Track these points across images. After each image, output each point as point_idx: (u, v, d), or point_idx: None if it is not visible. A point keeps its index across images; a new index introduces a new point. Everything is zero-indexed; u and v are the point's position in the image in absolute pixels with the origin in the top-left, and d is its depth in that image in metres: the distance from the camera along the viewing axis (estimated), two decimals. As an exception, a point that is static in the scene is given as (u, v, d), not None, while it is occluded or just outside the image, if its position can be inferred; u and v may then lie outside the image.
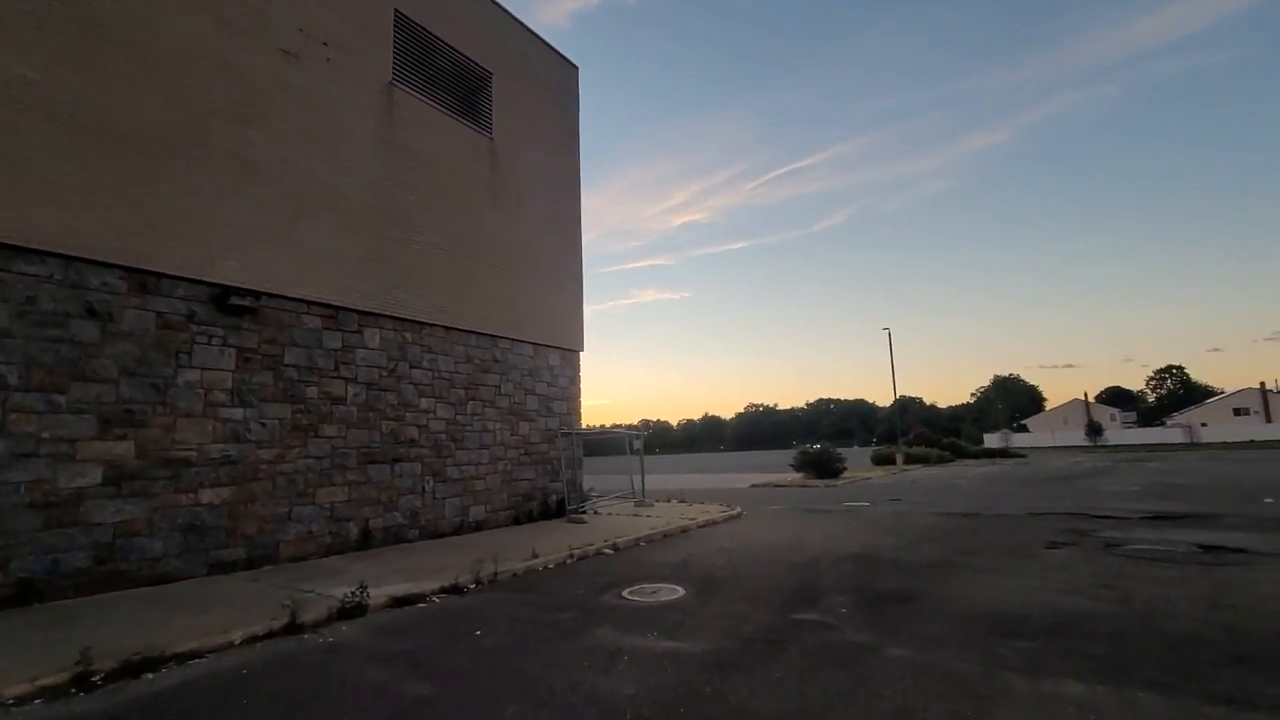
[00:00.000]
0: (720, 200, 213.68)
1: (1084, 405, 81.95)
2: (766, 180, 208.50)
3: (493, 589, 7.29)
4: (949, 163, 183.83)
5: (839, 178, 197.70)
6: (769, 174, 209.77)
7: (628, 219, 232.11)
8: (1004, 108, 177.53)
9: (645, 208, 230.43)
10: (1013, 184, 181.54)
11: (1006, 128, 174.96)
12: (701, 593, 6.81)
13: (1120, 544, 8.95)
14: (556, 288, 14.54)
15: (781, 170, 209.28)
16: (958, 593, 6.46)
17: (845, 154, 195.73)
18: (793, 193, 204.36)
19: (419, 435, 10.90)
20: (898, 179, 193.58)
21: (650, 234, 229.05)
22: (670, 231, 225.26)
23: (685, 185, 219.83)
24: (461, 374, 11.92)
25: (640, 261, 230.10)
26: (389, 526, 10.17)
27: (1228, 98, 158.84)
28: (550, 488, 13.68)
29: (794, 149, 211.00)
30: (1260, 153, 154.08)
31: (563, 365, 14.57)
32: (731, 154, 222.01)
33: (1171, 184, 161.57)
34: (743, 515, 14.08)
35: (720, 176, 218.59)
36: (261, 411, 8.66)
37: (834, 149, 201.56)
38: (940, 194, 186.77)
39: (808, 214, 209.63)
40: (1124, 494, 16.64)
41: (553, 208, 14.74)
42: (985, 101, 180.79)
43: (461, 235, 12.17)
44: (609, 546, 9.84)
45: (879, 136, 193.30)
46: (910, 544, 9.58)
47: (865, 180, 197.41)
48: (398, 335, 10.77)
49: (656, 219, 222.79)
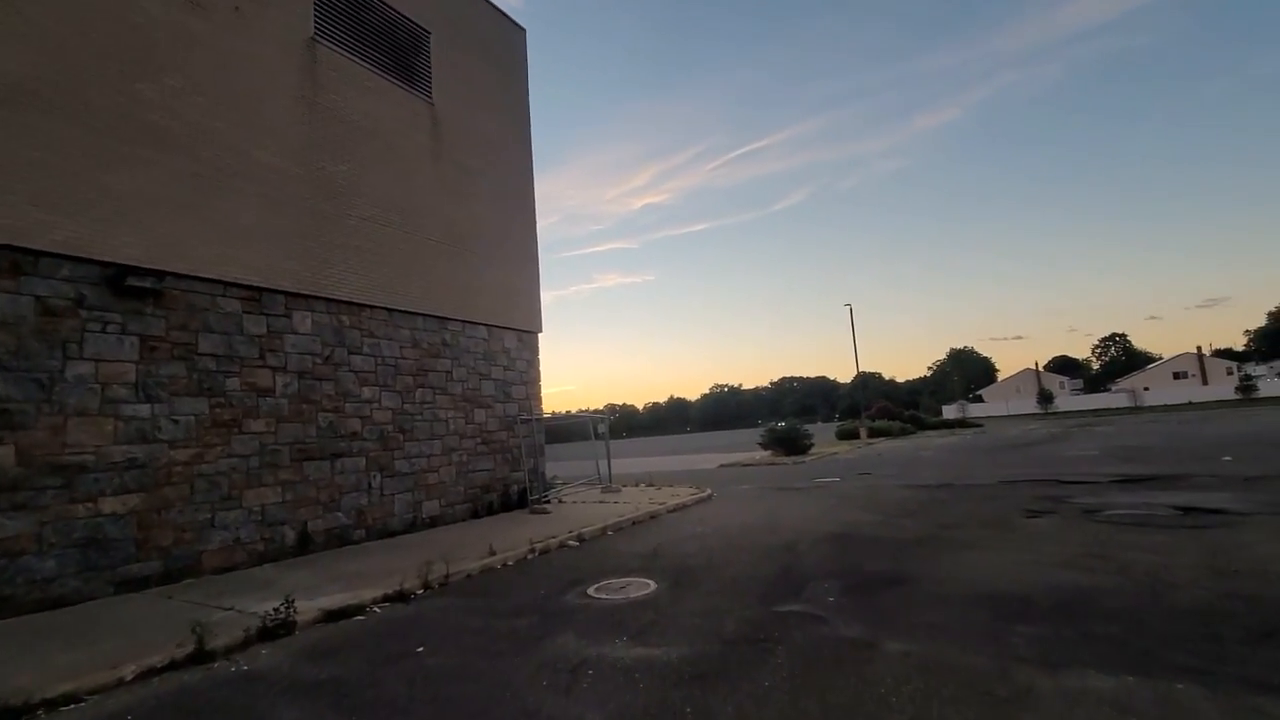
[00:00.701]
0: (681, 182, 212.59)
1: (1035, 375, 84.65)
2: (726, 161, 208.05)
3: (443, 594, 6.56)
4: (901, 142, 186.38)
5: (796, 158, 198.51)
6: (728, 155, 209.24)
7: (588, 202, 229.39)
8: (952, 87, 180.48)
9: (605, 190, 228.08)
10: (961, 162, 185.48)
11: (954, 107, 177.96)
12: (675, 586, 6.21)
13: (1098, 510, 8.73)
14: (510, 265, 13.66)
15: (740, 151, 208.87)
16: (948, 572, 6.03)
17: (801, 134, 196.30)
18: (752, 173, 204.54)
19: (362, 427, 9.99)
20: (853, 158, 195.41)
21: (611, 217, 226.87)
22: (631, 214, 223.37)
23: (645, 167, 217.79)
24: (408, 359, 11.01)
25: (602, 245, 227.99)
26: (331, 528, 9.29)
27: (1158, 75, 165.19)
28: (511, 478, 12.92)
29: (751, 130, 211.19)
30: (1188, 127, 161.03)
31: (520, 348, 13.74)
32: (690, 135, 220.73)
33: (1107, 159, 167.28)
34: (713, 497, 13.60)
35: (679, 158, 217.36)
36: (173, 407, 7.66)
37: (790, 130, 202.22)
38: (894, 173, 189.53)
39: (767, 194, 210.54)
40: (1085, 458, 16.79)
41: (503, 180, 13.79)
42: (934, 82, 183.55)
43: (403, 209, 11.18)
44: (574, 538, 9.18)
45: (833, 117, 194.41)
46: (888, 520, 9.20)
47: (822, 160, 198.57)
48: (333, 319, 9.79)
49: (617, 202, 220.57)
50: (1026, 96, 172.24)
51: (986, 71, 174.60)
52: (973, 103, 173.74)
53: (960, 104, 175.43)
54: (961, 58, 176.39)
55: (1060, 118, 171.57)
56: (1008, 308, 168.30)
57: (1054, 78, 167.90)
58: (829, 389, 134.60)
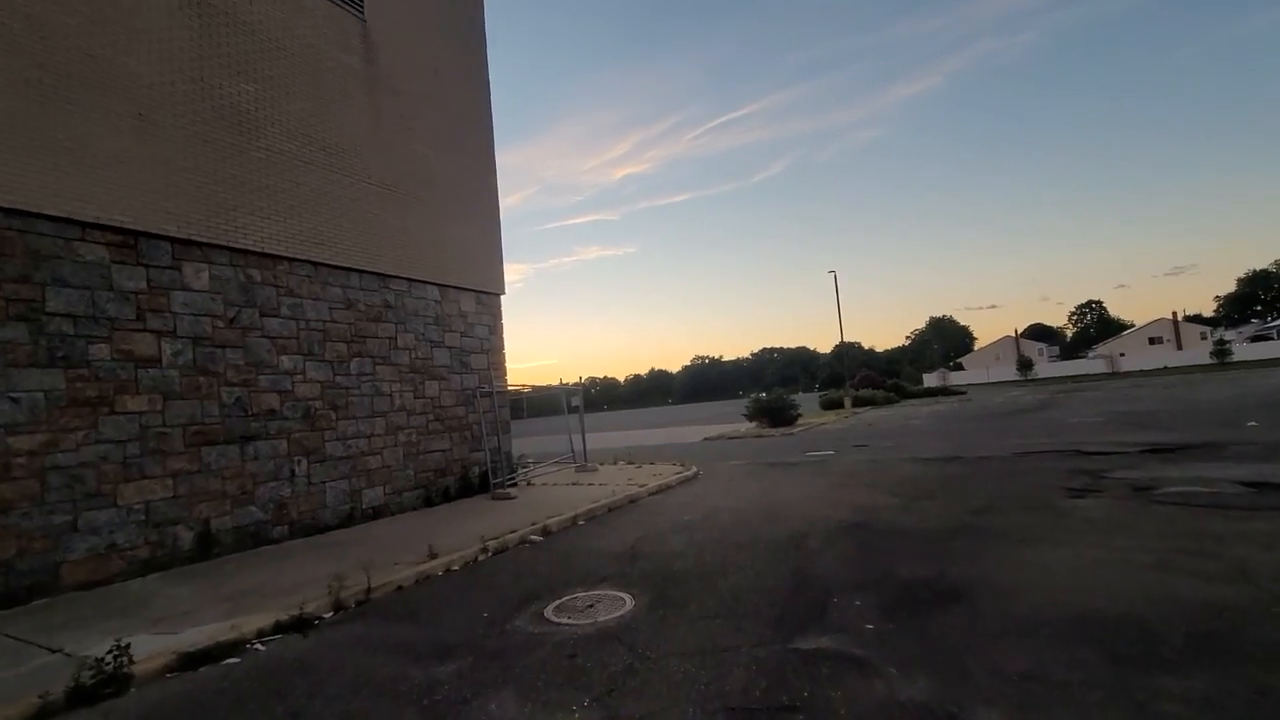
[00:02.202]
0: (660, 151, 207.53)
1: (1014, 342, 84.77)
2: (705, 130, 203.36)
3: (357, 618, 5.06)
4: (878, 112, 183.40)
5: (774, 128, 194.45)
6: (707, 124, 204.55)
7: (567, 173, 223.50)
8: (927, 55, 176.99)
9: (584, 160, 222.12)
10: (937, 132, 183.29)
11: (930, 76, 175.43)
12: (658, 603, 4.79)
13: (1151, 487, 7.49)
14: (466, 218, 11.91)
15: (719, 120, 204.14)
16: (1011, 579, 4.67)
17: (779, 104, 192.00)
18: (731, 144, 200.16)
19: (281, 404, 8.35)
20: (831, 129, 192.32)
21: (591, 188, 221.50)
22: (611, 185, 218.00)
23: (624, 137, 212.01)
24: (341, 324, 9.32)
25: (582, 217, 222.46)
26: (243, 526, 7.71)
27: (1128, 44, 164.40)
28: (471, 459, 11.38)
29: (730, 99, 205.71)
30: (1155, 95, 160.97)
31: (479, 312, 12.08)
32: (668, 104, 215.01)
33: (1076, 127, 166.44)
34: (699, 475, 12.23)
35: (659, 127, 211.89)
36: (10, 381, 5.95)
37: (768, 99, 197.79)
38: (871, 143, 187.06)
39: (746, 165, 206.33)
40: (1091, 425, 15.75)
41: (455, 117, 11.95)
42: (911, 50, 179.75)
43: (330, 145, 9.36)
44: (537, 531, 7.72)
45: (811, 87, 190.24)
46: (907, 504, 7.87)
47: (800, 131, 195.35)
48: (239, 273, 8.05)
49: (597, 172, 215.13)
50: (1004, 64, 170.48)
51: (964, 39, 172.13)
52: (948, 71, 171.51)
53: (938, 72, 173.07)
54: (939, 24, 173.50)
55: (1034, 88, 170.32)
56: (982, 278, 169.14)
57: (1031, 45, 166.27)
58: (809, 359, 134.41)
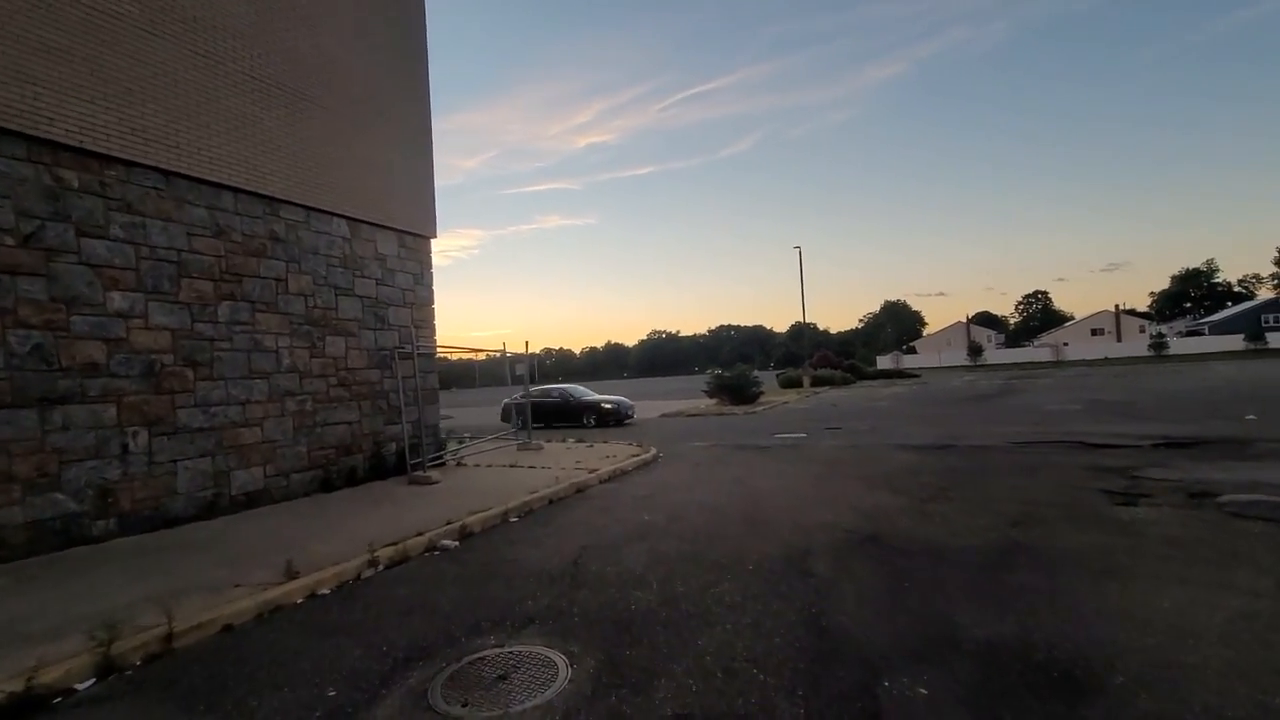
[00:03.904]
0: (626, 121, 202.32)
1: (965, 328, 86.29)
2: (674, 101, 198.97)
3: (128, 693, 3.17)
4: (850, 93, 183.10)
5: (745, 103, 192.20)
6: (676, 95, 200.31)
7: (529, 138, 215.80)
8: (901, 39, 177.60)
9: (549, 125, 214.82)
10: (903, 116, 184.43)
11: (903, 60, 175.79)
12: (607, 676, 3.07)
13: (1208, 493, 6.19)
14: (388, 141, 9.71)
15: (689, 92, 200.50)
16: (1133, 644, 3.13)
17: (751, 79, 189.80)
18: (700, 116, 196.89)
19: (109, 356, 6.20)
20: (801, 107, 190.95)
21: (554, 154, 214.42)
22: (575, 153, 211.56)
23: (590, 103, 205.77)
24: (206, 255, 7.14)
25: (543, 184, 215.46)
26: (43, 520, 5.62)
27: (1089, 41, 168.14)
28: (386, 433, 9.40)
29: (700, 71, 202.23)
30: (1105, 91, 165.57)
31: (402, 256, 9.97)
32: (637, 73, 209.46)
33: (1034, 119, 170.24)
34: (659, 459, 10.59)
35: (625, 95, 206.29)
36: None
37: (740, 73, 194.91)
38: (841, 124, 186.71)
39: (714, 140, 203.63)
40: (1072, 414, 14.82)
41: (376, 8, 9.66)
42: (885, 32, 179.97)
43: (188, 15, 7.07)
44: (452, 533, 5.90)
45: (783, 63, 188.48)
46: (918, 507, 6.38)
47: (770, 107, 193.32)
48: (43, 172, 5.81)
49: (560, 139, 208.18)
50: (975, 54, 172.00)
51: (937, 25, 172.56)
52: (920, 56, 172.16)
53: (908, 57, 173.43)
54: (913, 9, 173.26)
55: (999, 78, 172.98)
56: (933, 264, 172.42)
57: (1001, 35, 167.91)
58: (765, 337, 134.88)
